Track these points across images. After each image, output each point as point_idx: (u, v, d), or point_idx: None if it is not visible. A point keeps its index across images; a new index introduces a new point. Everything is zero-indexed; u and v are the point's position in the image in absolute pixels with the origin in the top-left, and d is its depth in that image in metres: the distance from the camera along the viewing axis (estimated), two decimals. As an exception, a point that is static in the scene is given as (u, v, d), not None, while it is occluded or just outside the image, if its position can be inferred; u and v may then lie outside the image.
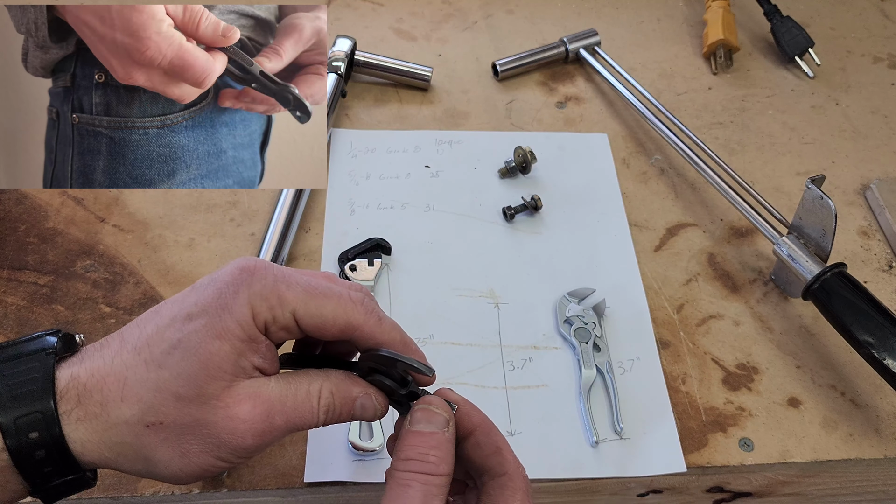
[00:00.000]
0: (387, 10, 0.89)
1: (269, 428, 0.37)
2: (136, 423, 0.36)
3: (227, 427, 0.36)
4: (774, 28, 0.86)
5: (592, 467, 0.55)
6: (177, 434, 0.36)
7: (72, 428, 0.36)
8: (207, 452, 0.37)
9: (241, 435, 0.37)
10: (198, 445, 0.36)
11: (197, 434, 0.36)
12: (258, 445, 0.37)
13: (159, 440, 0.36)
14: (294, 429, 0.39)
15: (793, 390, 0.60)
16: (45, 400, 0.35)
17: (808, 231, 0.61)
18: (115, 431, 0.36)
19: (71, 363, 0.38)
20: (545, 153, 0.74)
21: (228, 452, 0.37)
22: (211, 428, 0.36)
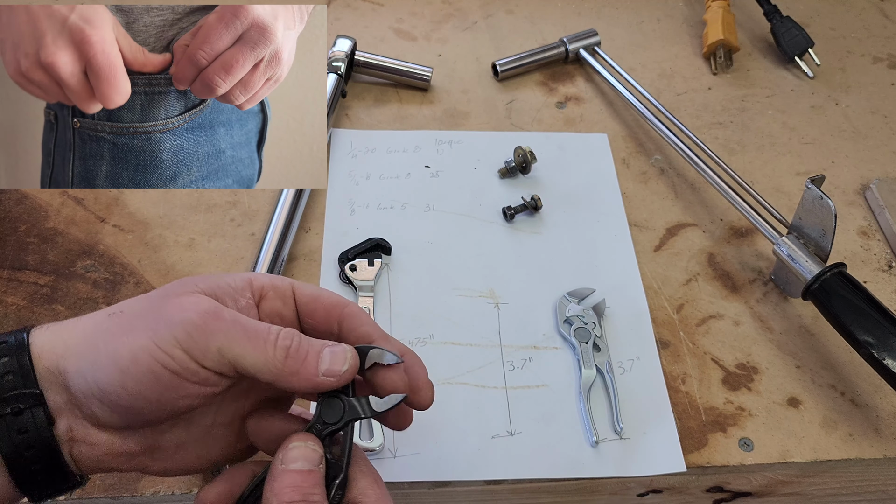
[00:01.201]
0: (387, 10, 0.89)
1: (213, 311, 0.36)
2: (101, 315, 0.38)
3: (173, 306, 0.36)
4: (774, 28, 0.86)
5: (592, 467, 0.55)
6: (129, 318, 0.37)
7: (37, 333, 0.37)
8: (147, 330, 0.36)
9: (182, 309, 0.36)
10: (142, 324, 0.36)
11: (145, 316, 0.37)
12: (198, 326, 0.35)
13: (113, 325, 0.37)
14: (241, 343, 0.36)
15: (793, 390, 0.60)
16: (21, 330, 0.37)
17: (808, 231, 0.61)
18: (79, 325, 0.37)
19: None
20: (545, 153, 0.74)
21: (165, 327, 0.35)
22: (159, 309, 0.37)
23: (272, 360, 0.36)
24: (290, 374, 0.37)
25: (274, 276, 0.41)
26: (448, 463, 0.54)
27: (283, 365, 0.36)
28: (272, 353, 0.36)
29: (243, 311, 0.39)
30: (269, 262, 0.62)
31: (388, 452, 0.54)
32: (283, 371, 0.36)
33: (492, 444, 0.55)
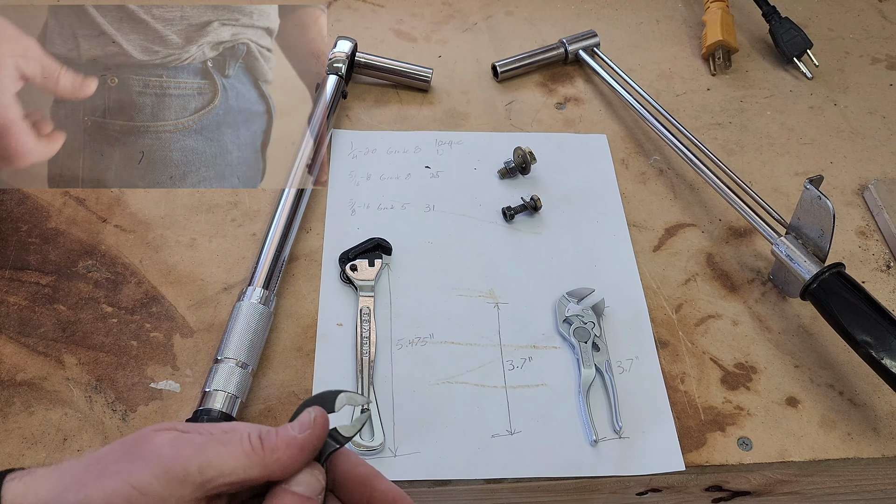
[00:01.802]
0: (387, 12, 0.89)
1: (185, 438, 0.36)
2: (78, 466, 0.37)
3: (148, 445, 0.36)
4: (773, 29, 0.87)
5: (591, 466, 0.55)
6: (105, 464, 0.36)
7: (9, 487, 0.36)
8: (120, 472, 0.35)
9: (157, 447, 0.36)
10: (116, 467, 0.36)
11: (121, 460, 0.36)
12: (174, 458, 0.35)
13: (87, 470, 0.36)
14: (222, 454, 0.36)
15: (791, 390, 0.60)
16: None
17: (807, 231, 0.62)
18: (53, 474, 0.36)
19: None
20: (544, 154, 0.74)
21: (142, 468, 0.35)
22: (135, 452, 0.36)
23: (251, 453, 0.37)
24: (272, 452, 0.37)
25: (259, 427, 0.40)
26: (448, 462, 0.54)
27: (263, 452, 0.37)
28: (249, 446, 0.37)
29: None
30: (270, 263, 0.62)
31: (389, 451, 0.55)
32: (265, 458, 0.37)
33: (492, 443, 0.56)
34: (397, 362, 0.59)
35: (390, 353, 0.60)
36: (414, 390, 0.58)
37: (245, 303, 0.58)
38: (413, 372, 0.59)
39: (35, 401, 0.55)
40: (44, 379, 0.57)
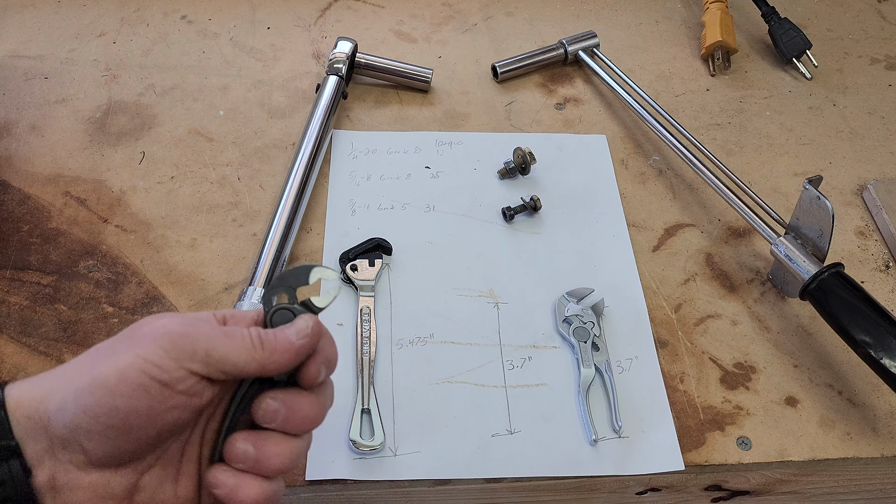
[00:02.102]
0: (387, 13, 0.90)
1: (192, 320, 0.38)
2: (81, 358, 0.38)
3: (151, 324, 0.38)
4: (772, 30, 0.87)
5: (591, 465, 0.55)
6: (108, 346, 0.37)
7: (12, 386, 0.36)
8: (131, 347, 0.36)
9: (164, 324, 0.37)
10: (123, 345, 0.37)
11: (127, 340, 0.37)
12: (182, 333, 0.37)
13: (91, 355, 0.37)
14: (223, 342, 0.38)
15: (790, 389, 0.60)
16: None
17: (806, 231, 0.62)
18: (57, 370, 0.37)
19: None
20: (544, 154, 0.74)
21: (150, 342, 0.36)
22: (140, 332, 0.38)
23: (252, 349, 0.38)
24: (272, 353, 0.39)
25: (224, 311, 0.42)
26: (448, 461, 0.55)
27: (262, 350, 0.39)
28: (250, 343, 0.38)
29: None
30: (271, 263, 0.62)
31: (389, 451, 0.55)
32: (264, 356, 0.39)
33: (491, 442, 0.56)
34: (397, 362, 0.60)
35: (390, 353, 0.60)
36: (414, 390, 0.58)
37: (246, 303, 0.59)
38: (413, 372, 0.59)
39: (36, 400, 0.56)
40: (45, 379, 0.57)
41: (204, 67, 0.81)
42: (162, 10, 0.87)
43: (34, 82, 0.78)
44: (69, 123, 0.74)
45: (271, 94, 0.79)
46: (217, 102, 0.78)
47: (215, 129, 0.75)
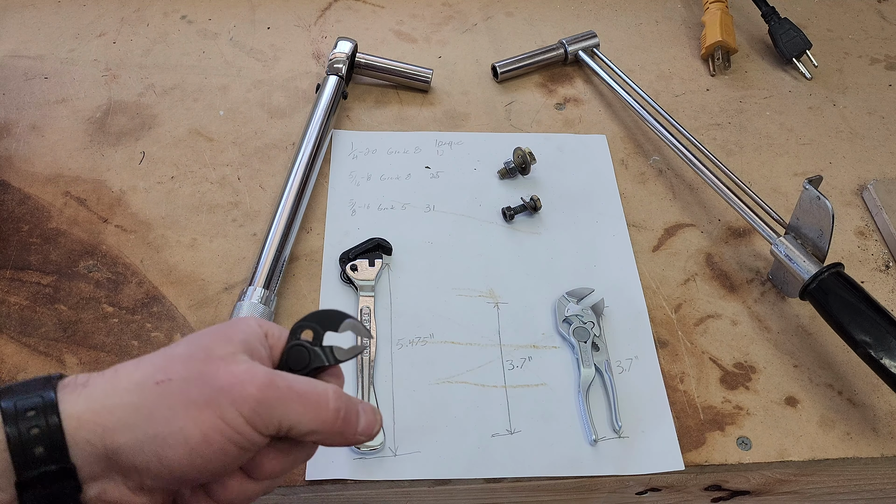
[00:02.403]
0: (387, 13, 0.90)
1: (270, 383, 0.37)
2: (146, 382, 0.36)
3: (229, 376, 0.37)
4: (772, 30, 0.87)
5: (591, 465, 0.55)
6: (181, 387, 0.36)
7: (70, 400, 0.35)
8: (211, 406, 0.35)
9: (241, 382, 0.36)
10: (201, 397, 0.36)
11: (201, 387, 0.36)
12: (261, 402, 0.36)
13: (166, 395, 0.36)
14: (298, 411, 0.37)
15: (790, 389, 0.60)
16: (48, 389, 0.36)
17: (806, 231, 0.62)
18: (123, 393, 0.36)
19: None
20: (544, 154, 0.74)
21: (230, 405, 0.36)
22: (214, 378, 0.36)
23: (326, 423, 0.38)
24: (337, 434, 0.39)
25: (270, 323, 0.42)
26: (448, 461, 0.55)
27: (332, 426, 0.39)
28: (326, 417, 0.38)
29: (266, 360, 0.40)
30: (271, 263, 0.62)
31: (389, 451, 0.55)
32: (332, 431, 0.39)
33: (491, 442, 0.56)
34: (397, 362, 0.60)
35: (390, 353, 0.60)
36: (414, 390, 0.58)
37: (246, 303, 0.59)
38: (413, 372, 0.59)
39: (36, 400, 0.56)
40: (45, 379, 0.57)
41: (204, 67, 0.81)
42: (162, 10, 0.87)
43: (34, 82, 0.78)
44: (69, 123, 0.74)
45: (271, 94, 0.79)
46: (217, 102, 0.78)
47: (215, 129, 0.75)
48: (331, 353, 0.41)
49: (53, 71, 0.79)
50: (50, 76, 0.79)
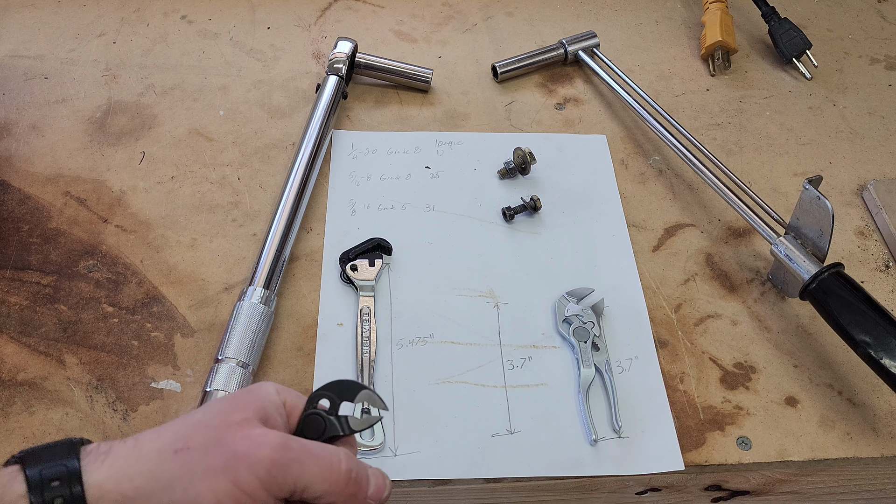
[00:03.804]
0: (387, 13, 0.90)
1: (284, 444, 0.38)
2: (166, 450, 0.37)
3: (245, 441, 0.37)
4: (772, 30, 0.87)
5: (591, 465, 0.55)
6: (200, 455, 0.37)
7: (92, 470, 0.36)
8: (226, 472, 0.36)
9: (257, 445, 0.37)
10: (217, 463, 0.37)
11: (217, 454, 0.37)
12: (276, 463, 0.37)
13: (184, 463, 0.37)
14: (312, 471, 0.38)
15: (790, 389, 0.60)
16: (72, 457, 0.36)
17: (806, 231, 0.62)
18: (143, 461, 0.37)
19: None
20: (544, 154, 0.74)
21: (246, 469, 0.36)
22: (230, 444, 0.37)
23: (336, 483, 0.39)
24: (349, 497, 0.40)
25: (288, 390, 0.43)
26: (448, 461, 0.55)
27: (344, 487, 0.39)
28: (338, 478, 0.39)
29: (282, 427, 0.41)
30: (271, 263, 0.62)
31: (389, 451, 0.55)
32: (343, 493, 0.39)
33: (491, 442, 0.56)
34: (397, 362, 0.60)
35: (390, 353, 0.60)
36: (414, 390, 0.58)
37: (246, 303, 0.59)
38: (413, 372, 0.59)
39: (36, 400, 0.56)
40: (45, 379, 0.57)
41: (204, 67, 0.81)
42: (162, 10, 0.87)
43: (34, 82, 0.78)
44: (69, 123, 0.74)
45: (271, 94, 0.79)
46: (217, 102, 0.78)
47: (215, 129, 0.75)
48: (346, 422, 0.42)
49: (53, 71, 0.79)
50: (50, 76, 0.79)
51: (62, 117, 0.75)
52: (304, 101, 0.78)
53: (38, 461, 0.36)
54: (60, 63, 0.80)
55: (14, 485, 0.35)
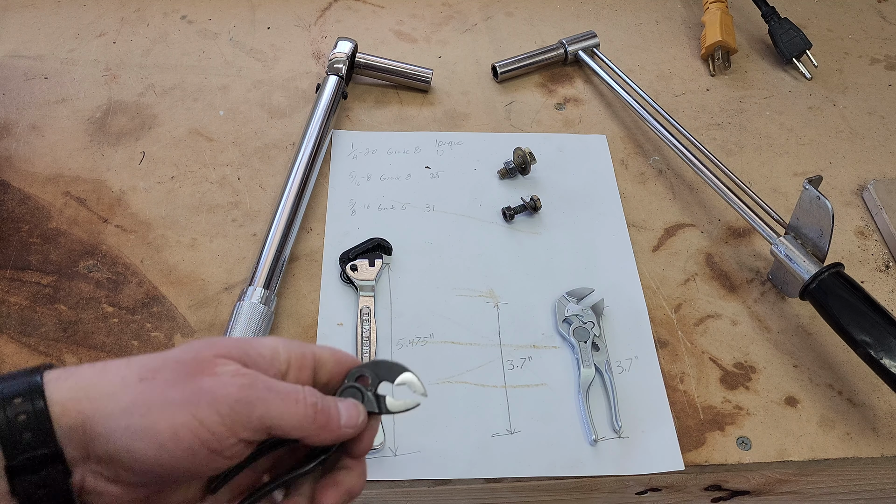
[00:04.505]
0: (387, 13, 0.90)
1: (250, 383, 0.37)
2: (131, 378, 0.37)
3: (211, 379, 0.37)
4: (772, 30, 0.87)
5: (591, 465, 0.55)
6: (163, 387, 0.36)
7: (54, 388, 0.36)
8: (187, 404, 0.36)
9: (222, 385, 0.36)
10: (180, 395, 0.36)
11: (183, 386, 0.36)
12: (240, 401, 0.36)
13: (146, 391, 0.36)
14: (278, 408, 0.37)
15: (790, 389, 0.60)
16: (34, 375, 0.36)
17: (806, 231, 0.62)
18: (106, 384, 0.36)
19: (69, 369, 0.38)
20: (544, 154, 0.74)
21: (207, 404, 0.36)
22: (197, 380, 0.37)
23: (304, 417, 0.38)
24: (319, 429, 0.39)
25: (295, 345, 0.42)
26: (448, 461, 0.55)
27: (313, 421, 0.38)
28: (304, 411, 0.38)
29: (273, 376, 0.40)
30: (271, 263, 0.62)
31: (389, 451, 0.55)
32: (313, 426, 0.39)
33: (491, 442, 0.56)
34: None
35: (390, 353, 0.60)
36: (414, 390, 0.58)
37: (246, 303, 0.59)
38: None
39: (36, 400, 0.56)
40: (45, 379, 0.57)
41: (204, 67, 0.81)
42: (162, 10, 0.87)
43: (34, 82, 0.78)
44: (69, 123, 0.74)
45: (271, 94, 0.79)
46: (217, 102, 0.78)
47: (215, 129, 0.75)
48: (383, 402, 0.41)
49: (53, 71, 0.79)
50: (50, 76, 0.79)
51: (62, 117, 0.75)
52: (304, 101, 0.78)
53: (0, 382, 0.36)
54: (60, 63, 0.80)
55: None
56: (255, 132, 0.75)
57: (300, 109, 0.78)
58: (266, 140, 0.75)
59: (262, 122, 0.76)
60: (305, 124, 0.72)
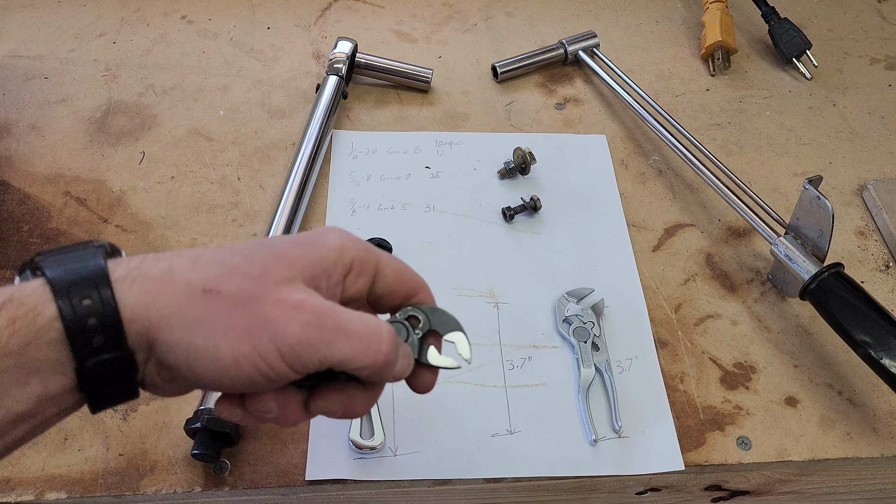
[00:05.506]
0: (387, 13, 0.90)
1: (318, 322, 0.36)
2: (195, 286, 0.36)
3: (276, 308, 0.36)
4: (772, 30, 0.87)
5: (591, 465, 0.55)
6: (227, 306, 0.36)
7: (124, 290, 0.35)
8: (249, 335, 0.35)
9: (286, 320, 0.36)
10: (243, 321, 0.35)
11: (246, 310, 0.36)
12: (302, 342, 0.36)
13: (210, 310, 0.36)
14: (344, 351, 0.37)
15: (790, 389, 0.60)
16: (97, 260, 0.35)
17: (806, 231, 0.62)
18: (171, 291, 0.36)
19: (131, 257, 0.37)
20: (544, 154, 0.74)
21: (269, 340, 0.35)
22: (261, 306, 0.36)
23: (376, 364, 0.38)
24: (377, 371, 0.38)
25: (362, 246, 0.41)
26: (448, 461, 0.55)
27: (379, 369, 0.38)
28: (375, 360, 0.37)
29: (333, 289, 0.39)
30: (271, 262, 0.62)
31: (389, 451, 0.55)
32: (373, 369, 0.38)
33: (491, 442, 0.56)
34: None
35: (390, 353, 0.60)
36: (414, 390, 0.58)
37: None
38: (413, 372, 0.59)
39: (36, 400, 0.56)
40: (45, 379, 0.57)
41: (204, 67, 0.81)
42: (162, 10, 0.87)
43: (34, 82, 0.78)
44: (69, 123, 0.74)
45: (271, 94, 0.79)
46: (217, 102, 0.78)
47: (215, 129, 0.75)
48: (425, 350, 0.40)
49: (53, 71, 0.79)
50: (50, 76, 0.79)
51: (62, 117, 0.75)
52: (304, 101, 0.78)
53: (66, 291, 0.34)
54: (60, 63, 0.80)
55: (46, 307, 0.34)
56: (255, 132, 0.75)
57: (300, 109, 0.78)
58: (266, 140, 0.75)
59: (262, 122, 0.76)
60: (305, 124, 0.73)
